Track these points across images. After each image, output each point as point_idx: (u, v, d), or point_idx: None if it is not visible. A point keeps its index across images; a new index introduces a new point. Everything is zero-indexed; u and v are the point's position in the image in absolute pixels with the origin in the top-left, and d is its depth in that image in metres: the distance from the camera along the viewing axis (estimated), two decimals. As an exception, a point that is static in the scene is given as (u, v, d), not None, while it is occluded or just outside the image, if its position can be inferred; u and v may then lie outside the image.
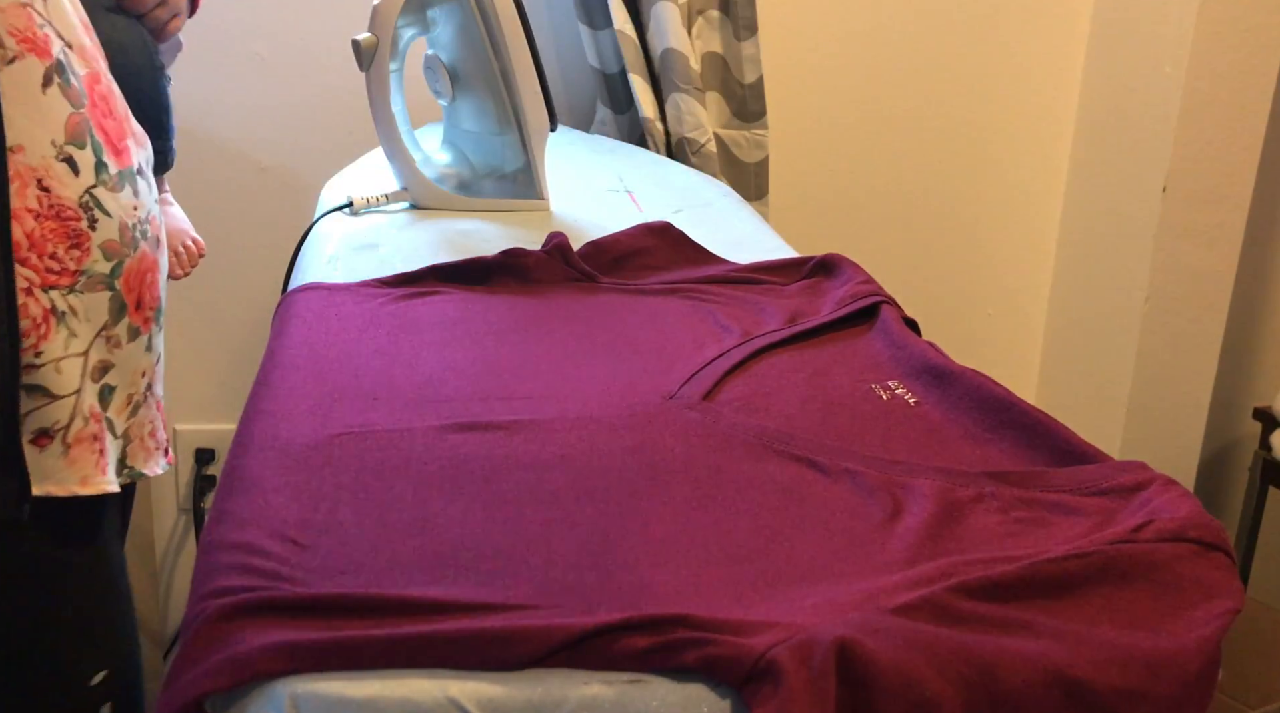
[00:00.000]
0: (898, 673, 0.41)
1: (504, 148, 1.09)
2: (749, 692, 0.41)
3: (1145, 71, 1.73)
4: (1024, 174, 1.90)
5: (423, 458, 0.57)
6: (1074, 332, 1.96)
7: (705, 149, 1.56)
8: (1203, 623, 0.44)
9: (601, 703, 0.42)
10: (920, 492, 0.54)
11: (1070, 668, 0.42)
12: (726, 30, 1.57)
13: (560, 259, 0.87)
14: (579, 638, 0.43)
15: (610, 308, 0.81)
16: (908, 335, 0.72)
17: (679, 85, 1.52)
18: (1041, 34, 1.80)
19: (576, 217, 1.08)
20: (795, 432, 0.61)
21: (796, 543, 0.51)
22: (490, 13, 1.01)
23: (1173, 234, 1.75)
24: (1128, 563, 0.46)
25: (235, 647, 0.43)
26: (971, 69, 1.81)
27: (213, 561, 0.48)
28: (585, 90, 1.63)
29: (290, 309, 0.77)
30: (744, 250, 0.93)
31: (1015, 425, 0.60)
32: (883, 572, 0.48)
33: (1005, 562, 0.47)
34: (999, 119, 1.85)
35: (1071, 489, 0.54)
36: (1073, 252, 1.93)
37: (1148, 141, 1.74)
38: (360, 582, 0.47)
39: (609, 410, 0.63)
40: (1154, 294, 1.79)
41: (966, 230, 1.92)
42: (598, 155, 1.39)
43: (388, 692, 0.42)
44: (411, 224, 1.05)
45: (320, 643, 0.43)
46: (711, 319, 0.78)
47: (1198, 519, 0.48)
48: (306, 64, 1.52)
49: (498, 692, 0.42)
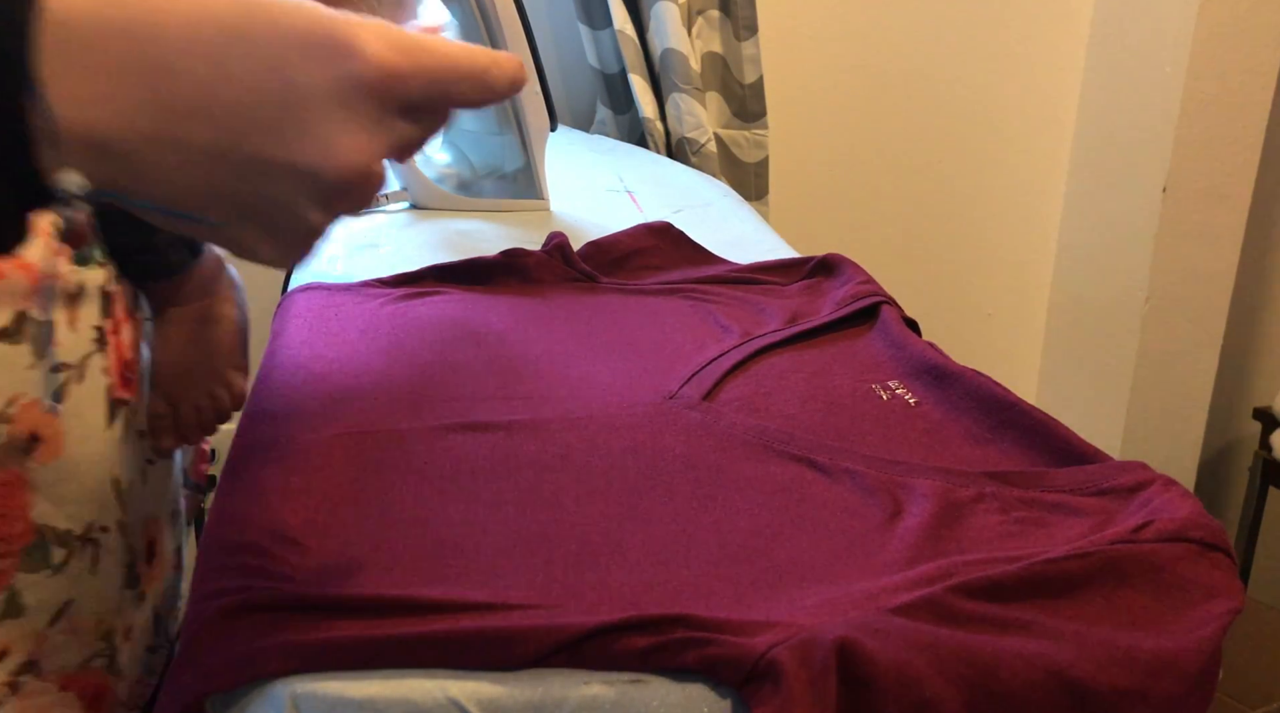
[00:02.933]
0: (898, 673, 0.41)
1: (504, 148, 1.09)
2: (749, 692, 0.41)
3: (1145, 71, 1.73)
4: (1024, 174, 1.90)
5: (423, 458, 0.57)
6: (1074, 332, 1.96)
7: (705, 149, 1.56)
8: (1203, 623, 0.44)
9: (602, 703, 0.42)
10: (920, 492, 0.54)
11: (1071, 668, 0.42)
12: (726, 30, 1.57)
13: (560, 259, 0.87)
14: (579, 638, 0.43)
15: (610, 308, 0.81)
16: (908, 336, 0.72)
17: (679, 85, 1.52)
18: (1041, 34, 1.80)
19: (576, 217, 1.08)
20: (795, 432, 0.61)
21: (797, 543, 0.51)
22: (490, 13, 1.01)
23: (1173, 234, 1.75)
24: (1128, 563, 0.46)
25: (235, 647, 0.43)
26: (971, 69, 1.81)
27: (213, 561, 0.48)
28: (585, 90, 1.64)
29: (290, 309, 0.77)
30: (744, 250, 0.93)
31: (1015, 426, 0.60)
32: (883, 572, 0.48)
33: (1005, 562, 0.47)
34: (999, 119, 1.85)
35: (1072, 489, 0.54)
36: (1073, 252, 1.93)
37: (1148, 141, 1.74)
38: (360, 582, 0.47)
39: (609, 410, 0.63)
40: (1154, 294, 1.79)
41: (966, 230, 1.92)
42: (598, 155, 1.39)
43: (388, 692, 0.42)
44: (411, 224, 1.05)
45: (320, 643, 0.43)
46: (711, 319, 0.78)
47: (1198, 519, 0.48)
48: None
49: (498, 692, 0.42)
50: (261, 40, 0.34)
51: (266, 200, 0.36)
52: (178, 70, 0.33)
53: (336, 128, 0.35)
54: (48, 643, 0.61)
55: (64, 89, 0.32)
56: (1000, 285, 1.97)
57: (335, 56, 0.35)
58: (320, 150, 0.35)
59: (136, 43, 0.33)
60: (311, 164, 0.35)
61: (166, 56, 0.33)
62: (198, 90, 0.34)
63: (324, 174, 0.36)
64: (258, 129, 0.35)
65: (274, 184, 0.36)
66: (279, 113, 0.35)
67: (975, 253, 1.94)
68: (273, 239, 0.38)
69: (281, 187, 0.36)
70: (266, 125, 0.35)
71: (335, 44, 0.35)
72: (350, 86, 0.35)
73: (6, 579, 0.59)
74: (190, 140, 0.34)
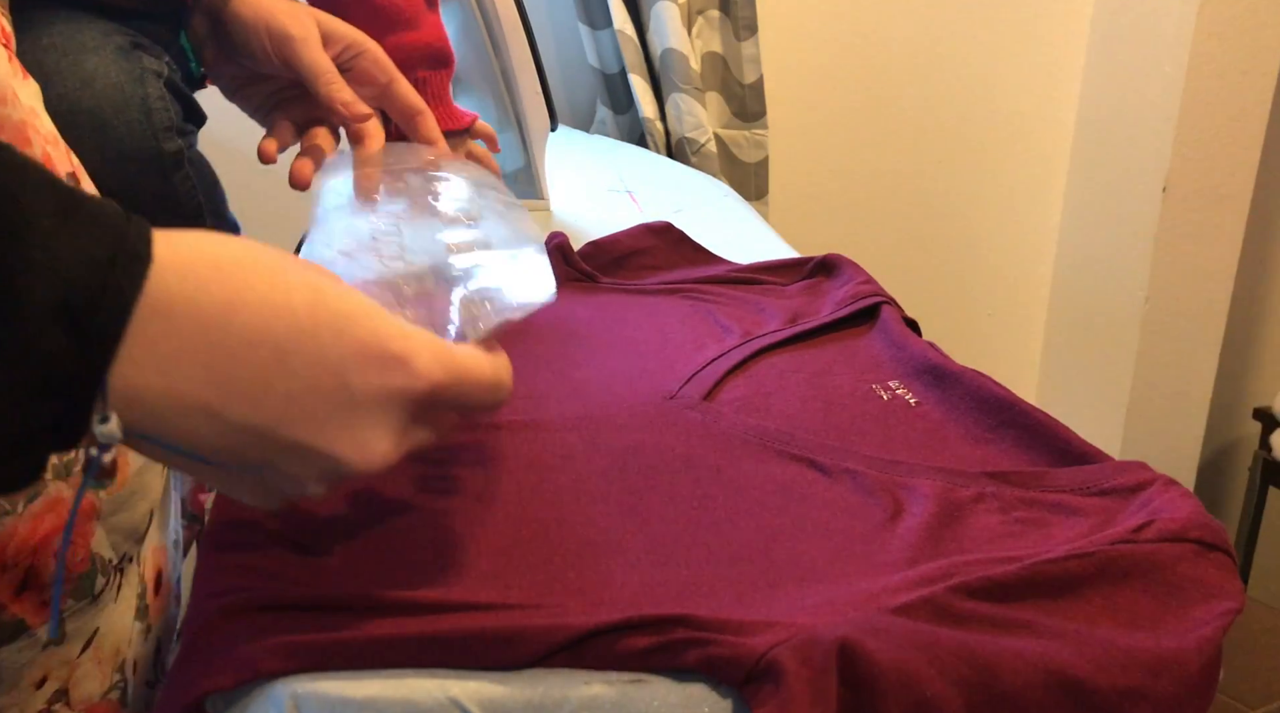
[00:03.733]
0: (898, 673, 0.41)
1: (504, 148, 1.09)
2: (750, 692, 0.41)
3: (1145, 71, 1.73)
4: (1024, 174, 1.90)
5: (423, 458, 0.57)
6: (1074, 332, 1.96)
7: (705, 149, 1.56)
8: (1204, 623, 0.44)
9: (602, 703, 0.42)
10: (921, 492, 0.54)
11: (1071, 668, 0.42)
12: (726, 30, 1.57)
13: (560, 259, 0.87)
14: (579, 638, 0.43)
15: (610, 308, 0.81)
16: (908, 336, 0.72)
17: (679, 85, 1.52)
18: (1041, 34, 1.80)
19: (576, 217, 1.08)
20: (796, 432, 0.61)
21: (797, 543, 0.51)
22: (490, 12, 1.01)
23: (1173, 234, 1.75)
24: (1128, 563, 0.46)
25: (236, 647, 0.43)
26: (971, 69, 1.81)
27: (213, 561, 0.48)
28: (585, 90, 1.64)
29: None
30: (744, 250, 0.93)
31: (1016, 426, 0.60)
32: (883, 572, 0.48)
33: (1006, 562, 0.47)
34: (999, 119, 1.85)
35: (1072, 489, 0.53)
36: (1073, 252, 1.93)
37: (1148, 141, 1.74)
38: (360, 582, 0.47)
39: (609, 410, 0.63)
40: (1154, 294, 1.79)
41: (967, 230, 1.92)
42: (598, 155, 1.39)
43: (388, 692, 0.42)
44: (411, 224, 1.04)
45: (320, 643, 0.43)
46: (711, 319, 0.78)
47: (1198, 519, 0.48)
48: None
49: (498, 692, 0.42)
50: (327, 342, 0.38)
51: (281, 472, 0.39)
52: (239, 358, 0.36)
53: (377, 431, 0.39)
54: (78, 672, 0.61)
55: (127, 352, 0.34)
56: (1000, 285, 1.97)
57: (389, 369, 0.39)
58: (357, 447, 0.39)
59: (207, 328, 0.36)
60: (344, 456, 0.39)
61: (230, 344, 0.36)
62: (255, 377, 0.36)
63: (351, 466, 0.39)
64: (305, 418, 0.37)
65: (298, 463, 0.39)
66: (330, 409, 0.38)
67: (975, 253, 1.94)
68: (262, 494, 0.40)
69: (305, 466, 0.39)
70: (313, 416, 0.38)
71: (392, 357, 0.39)
72: (398, 397, 0.39)
73: (61, 606, 0.59)
74: (232, 418, 0.36)
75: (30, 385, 0.33)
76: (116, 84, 0.65)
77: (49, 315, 0.33)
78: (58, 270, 0.33)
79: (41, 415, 0.34)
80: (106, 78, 0.64)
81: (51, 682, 0.59)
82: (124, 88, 0.65)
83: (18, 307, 0.32)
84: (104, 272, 0.33)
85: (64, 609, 0.58)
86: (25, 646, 0.56)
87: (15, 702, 0.56)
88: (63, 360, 0.33)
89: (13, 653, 0.55)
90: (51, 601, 0.51)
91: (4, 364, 0.33)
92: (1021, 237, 1.94)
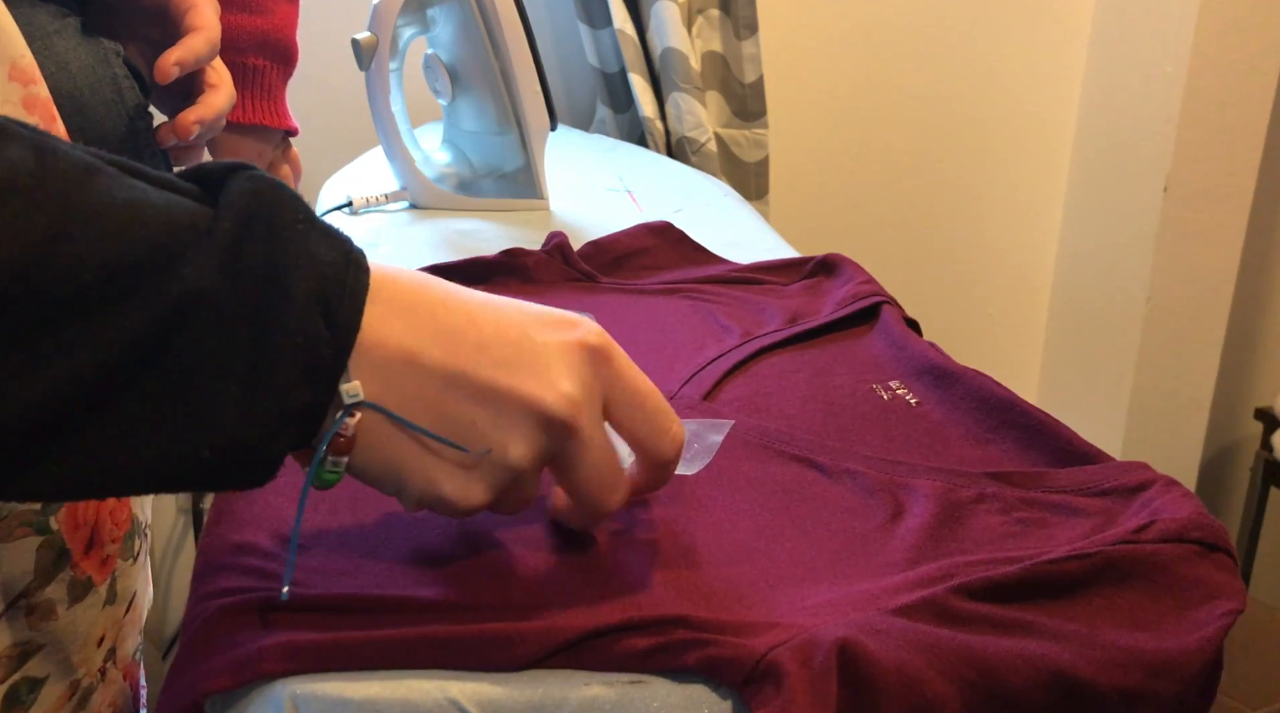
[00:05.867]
0: (899, 674, 0.40)
1: (504, 147, 1.09)
2: (750, 693, 0.41)
3: (1145, 71, 1.73)
4: (1024, 174, 1.90)
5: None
6: (1074, 332, 1.96)
7: (705, 149, 1.56)
8: (1205, 624, 0.44)
9: (602, 704, 0.42)
10: (921, 492, 0.54)
11: (1072, 669, 0.42)
12: (727, 29, 1.57)
13: (560, 259, 0.87)
14: (579, 638, 0.43)
15: (610, 308, 0.81)
16: (909, 335, 0.72)
17: (679, 84, 1.52)
18: (1041, 34, 1.80)
19: (576, 216, 1.08)
20: (796, 432, 0.61)
21: (797, 543, 0.51)
22: (490, 12, 1.01)
23: (1173, 234, 1.75)
24: (1130, 564, 0.46)
25: (235, 647, 0.43)
26: (972, 69, 1.81)
27: (213, 561, 0.48)
28: (585, 90, 1.64)
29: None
30: (744, 250, 0.93)
31: (1016, 426, 0.60)
32: (884, 573, 0.48)
33: (1007, 563, 0.47)
34: (999, 119, 1.85)
35: (1073, 490, 0.53)
36: (1073, 252, 1.93)
37: (1148, 141, 1.74)
38: (360, 582, 0.47)
39: (609, 410, 0.63)
40: (1154, 294, 1.79)
41: (967, 230, 1.92)
42: (598, 155, 1.38)
43: (388, 692, 0.42)
44: (411, 224, 1.04)
45: (320, 643, 0.43)
46: (712, 319, 0.78)
47: (1200, 520, 0.48)
48: (305, 63, 1.51)
49: (498, 692, 0.42)
50: (508, 309, 0.45)
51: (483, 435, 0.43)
52: (436, 315, 0.43)
53: (561, 371, 0.43)
54: (122, 631, 0.64)
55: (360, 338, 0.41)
56: (1001, 285, 1.97)
57: (565, 327, 0.45)
58: (545, 386, 0.43)
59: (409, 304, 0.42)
60: (534, 395, 0.43)
61: (426, 307, 0.43)
62: (448, 327, 0.42)
63: (543, 405, 0.43)
64: (494, 363, 0.43)
65: (494, 412, 0.43)
66: (516, 354, 0.43)
67: (976, 252, 1.94)
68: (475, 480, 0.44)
69: (502, 415, 0.43)
70: (503, 361, 0.43)
71: (566, 319, 0.46)
72: (576, 347, 0.44)
73: (111, 566, 0.61)
74: (428, 363, 0.42)
75: (294, 373, 0.38)
76: (89, 66, 0.65)
77: (314, 307, 0.38)
78: (316, 267, 0.39)
79: (295, 404, 0.39)
80: (79, 60, 0.64)
81: (107, 641, 0.61)
82: (95, 69, 0.65)
83: (291, 300, 0.38)
84: (342, 269, 0.40)
85: (115, 570, 0.61)
86: (91, 603, 0.58)
87: (84, 660, 0.59)
88: (320, 348, 0.39)
89: (83, 611, 0.58)
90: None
91: (279, 351, 0.38)
92: (1023, 236, 1.94)
